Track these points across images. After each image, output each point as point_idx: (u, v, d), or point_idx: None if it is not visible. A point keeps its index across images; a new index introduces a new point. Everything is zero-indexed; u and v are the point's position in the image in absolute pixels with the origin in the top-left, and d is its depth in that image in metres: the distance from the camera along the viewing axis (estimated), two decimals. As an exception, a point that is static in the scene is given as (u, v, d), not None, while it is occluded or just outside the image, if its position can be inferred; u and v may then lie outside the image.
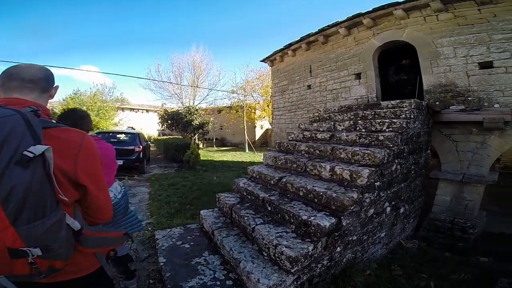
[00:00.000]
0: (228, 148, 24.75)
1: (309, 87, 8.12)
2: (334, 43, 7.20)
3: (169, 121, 16.41)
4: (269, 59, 9.88)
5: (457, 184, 4.92)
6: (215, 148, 24.42)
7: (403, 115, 3.61)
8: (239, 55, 72.32)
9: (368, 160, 2.79)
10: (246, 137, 19.69)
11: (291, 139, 4.44)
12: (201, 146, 25.30)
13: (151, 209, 5.60)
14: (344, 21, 6.56)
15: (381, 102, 4.10)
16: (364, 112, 4.04)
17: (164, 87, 23.90)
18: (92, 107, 16.96)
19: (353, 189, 2.60)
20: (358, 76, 6.68)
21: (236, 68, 48.58)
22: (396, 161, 3.19)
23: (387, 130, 3.37)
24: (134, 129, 13.17)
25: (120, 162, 8.85)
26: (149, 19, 66.13)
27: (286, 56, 9.00)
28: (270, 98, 11.45)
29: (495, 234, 4.89)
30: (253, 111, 21.72)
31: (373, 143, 3.12)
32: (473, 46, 4.99)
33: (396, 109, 3.72)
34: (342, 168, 2.71)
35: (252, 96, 22.10)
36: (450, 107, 5.11)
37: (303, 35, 7.76)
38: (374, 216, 3.00)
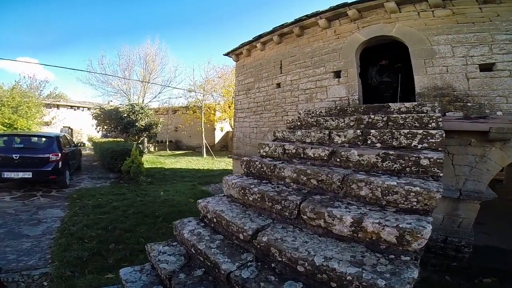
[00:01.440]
0: (183, 152, 22.56)
1: (278, 85, 6.92)
2: (311, 36, 6.12)
3: (107, 121, 13.65)
4: (235, 53, 8.48)
5: (451, 201, 4.30)
6: (168, 152, 22.06)
7: (433, 123, 2.53)
8: (201, 51, 68.66)
9: (415, 203, 1.57)
10: (204, 140, 17.89)
11: (265, 154, 3.08)
12: (152, 149, 22.78)
13: (53, 249, 3.79)
14: (326, 11, 5.51)
15: (389, 104, 2.99)
16: (371, 117, 2.87)
17: (108, 82, 20.78)
18: (9, 103, 13.64)
19: (402, 257, 1.36)
20: (337, 74, 5.66)
21: (195, 64, 44.82)
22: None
23: (419, 146, 2.23)
24: (71, 129, 10.60)
25: (27, 175, 6.74)
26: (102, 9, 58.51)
27: (255, 50, 7.72)
28: (233, 97, 10.03)
29: (481, 247, 4.67)
30: (212, 112, 20.01)
31: (408, 169, 1.93)
32: (473, 46, 4.31)
33: (422, 115, 2.60)
34: (378, 223, 1.43)
35: (212, 96, 20.40)
36: (447, 114, 4.35)
37: (276, 26, 6.58)
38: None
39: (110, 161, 9.92)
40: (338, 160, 2.31)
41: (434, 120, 2.53)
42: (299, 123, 3.55)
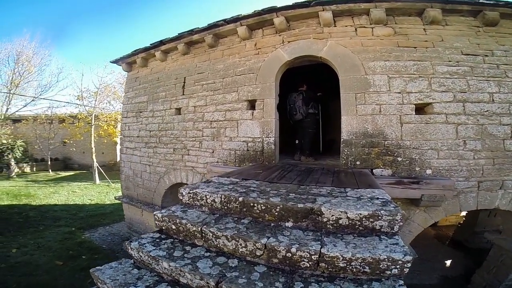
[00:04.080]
0: (73, 173, 17.90)
1: (178, 111, 5.07)
2: (226, 48, 4.54)
3: None
4: (126, 61, 6.14)
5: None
6: (50, 174, 17.09)
7: (395, 269, 1.25)
8: (100, 54, 58.68)
9: None
10: (96, 163, 14.11)
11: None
12: (27, 170, 17.31)
13: None
14: (250, 16, 4.04)
15: (322, 209, 1.55)
16: (291, 250, 1.29)
17: None
18: None
19: None
20: (251, 104, 4.24)
21: (87, 67, 36.87)
22: None
23: None
24: None
25: None
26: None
27: (153, 60, 5.66)
28: (121, 118, 7.61)
29: None
30: (112, 123, 16.35)
31: None
32: (412, 78, 3.53)
33: (379, 257, 1.21)
34: None
35: (112, 105, 16.70)
36: (374, 171, 3.51)
37: (184, 31, 4.76)
38: None
39: None
40: None
41: (398, 267, 1.23)
42: (174, 227, 1.81)
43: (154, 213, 2.03)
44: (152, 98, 5.54)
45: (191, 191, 2.20)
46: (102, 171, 13.79)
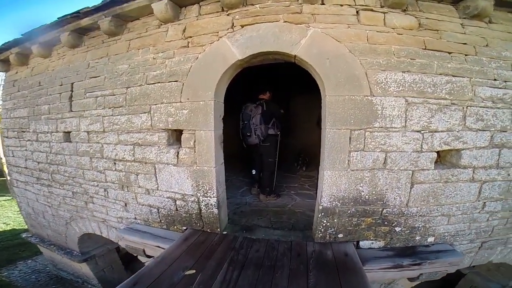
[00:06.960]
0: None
1: (68, 137, 3.21)
2: (136, 37, 2.68)
3: None
4: None
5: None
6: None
7: None
8: None
9: None
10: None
11: None
12: None
13: None
14: None
15: None
16: None
17: None
18: None
19: None
20: (175, 138, 2.56)
21: None
22: None
23: None
24: None
25: None
26: None
27: (32, 56, 3.64)
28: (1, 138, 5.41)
29: None
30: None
31: None
32: (441, 106, 2.12)
33: None
34: None
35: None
36: (361, 243, 2.38)
37: (67, 14, 2.79)
38: None
39: None
40: None
41: None
42: None
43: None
44: (34, 113, 3.55)
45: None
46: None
